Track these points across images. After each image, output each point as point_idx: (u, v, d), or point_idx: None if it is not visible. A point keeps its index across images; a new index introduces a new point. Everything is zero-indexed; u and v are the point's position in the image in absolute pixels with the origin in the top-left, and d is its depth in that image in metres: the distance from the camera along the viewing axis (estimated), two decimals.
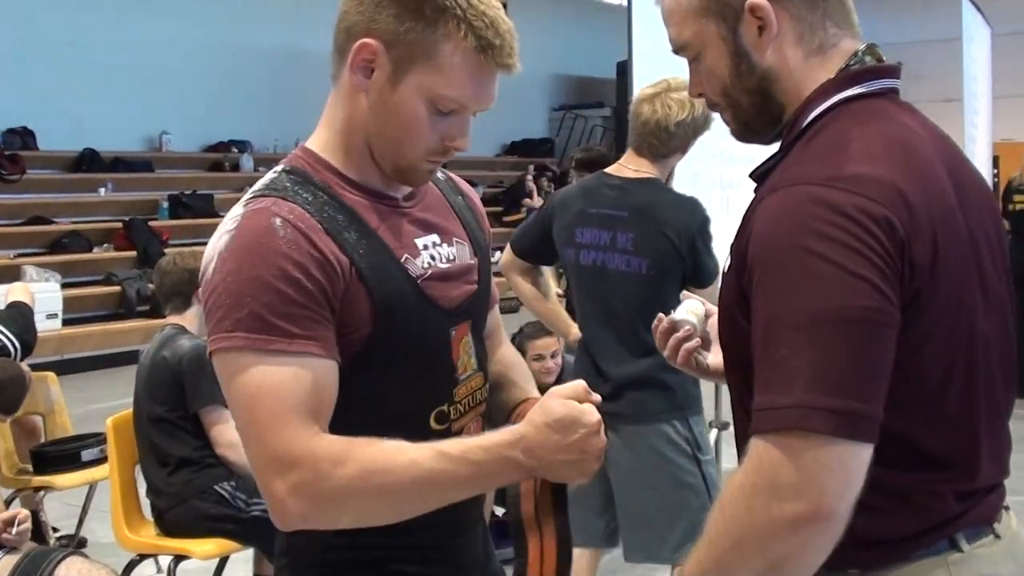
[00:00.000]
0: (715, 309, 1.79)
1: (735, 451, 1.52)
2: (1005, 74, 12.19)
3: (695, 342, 1.81)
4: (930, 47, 14.72)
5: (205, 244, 1.58)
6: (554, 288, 5.30)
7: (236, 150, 14.81)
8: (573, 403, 1.47)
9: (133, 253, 11.96)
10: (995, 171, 13.48)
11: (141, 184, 13.39)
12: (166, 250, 10.64)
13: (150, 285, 9.51)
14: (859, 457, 1.29)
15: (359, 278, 1.54)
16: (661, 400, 3.34)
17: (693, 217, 3.37)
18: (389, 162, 1.61)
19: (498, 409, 1.83)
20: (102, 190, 12.82)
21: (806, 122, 1.47)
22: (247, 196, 1.58)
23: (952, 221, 1.41)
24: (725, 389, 1.64)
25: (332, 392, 1.51)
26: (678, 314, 1.84)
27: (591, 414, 1.47)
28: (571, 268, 3.54)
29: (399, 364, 1.60)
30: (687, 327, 1.81)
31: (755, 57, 1.50)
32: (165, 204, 13.01)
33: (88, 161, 12.97)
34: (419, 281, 1.62)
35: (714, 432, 4.25)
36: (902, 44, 13.61)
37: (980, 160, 10.12)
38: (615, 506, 3.49)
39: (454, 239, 1.73)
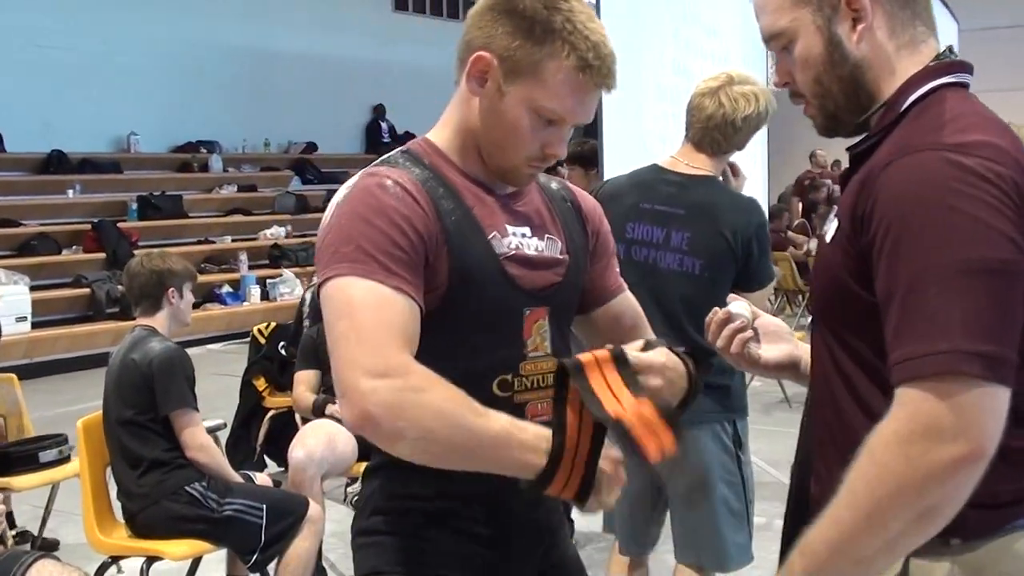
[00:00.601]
0: (760, 312, 1.93)
1: None
2: None
3: (749, 332, 1.89)
4: None
5: (175, 245, 1.60)
6: None
7: (204, 150, 14.74)
8: (661, 350, 1.74)
9: (102, 255, 11.87)
10: None
11: (109, 185, 13.30)
12: (135, 251, 10.57)
13: (119, 287, 9.47)
14: (1004, 400, 1.36)
15: (446, 241, 1.71)
16: (710, 401, 3.21)
17: (751, 218, 3.26)
18: (494, 162, 1.80)
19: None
20: (70, 192, 12.73)
21: (905, 104, 1.55)
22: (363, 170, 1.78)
23: None
24: None
25: (417, 332, 1.64)
26: (732, 307, 1.91)
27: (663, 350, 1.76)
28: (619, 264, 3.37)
29: (468, 327, 1.75)
30: (742, 318, 1.89)
31: (848, 46, 1.58)
32: (134, 205, 12.92)
33: (56, 163, 12.89)
34: (501, 258, 1.78)
35: None
36: None
37: None
38: (654, 509, 3.45)
39: (546, 235, 1.88)
